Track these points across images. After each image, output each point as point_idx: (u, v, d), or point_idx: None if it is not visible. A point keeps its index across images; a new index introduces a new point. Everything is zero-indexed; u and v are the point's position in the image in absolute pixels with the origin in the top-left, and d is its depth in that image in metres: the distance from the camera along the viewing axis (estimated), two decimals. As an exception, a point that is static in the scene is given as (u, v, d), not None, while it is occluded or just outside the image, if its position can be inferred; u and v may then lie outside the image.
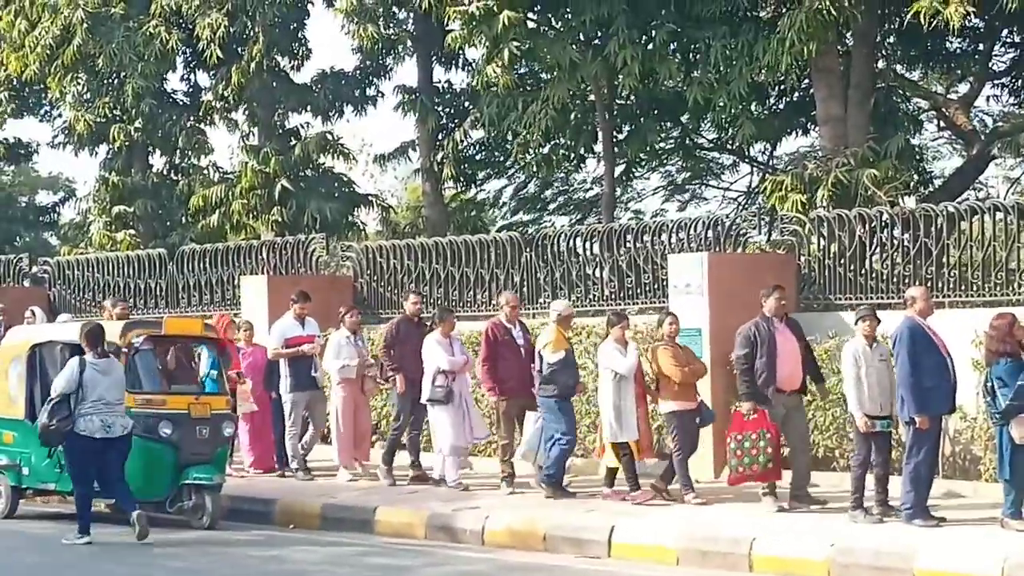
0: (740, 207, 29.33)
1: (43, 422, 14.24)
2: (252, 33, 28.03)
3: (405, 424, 17.33)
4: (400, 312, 18.63)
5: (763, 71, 21.24)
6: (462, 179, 29.86)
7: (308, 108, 29.69)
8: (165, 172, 32.13)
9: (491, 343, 16.22)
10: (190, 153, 31.21)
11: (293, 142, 29.01)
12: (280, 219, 27.74)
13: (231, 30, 27.49)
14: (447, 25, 23.95)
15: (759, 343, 14.32)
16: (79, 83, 29.91)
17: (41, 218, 41.67)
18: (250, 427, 18.60)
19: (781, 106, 26.27)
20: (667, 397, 15.15)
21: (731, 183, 31.53)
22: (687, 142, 29.06)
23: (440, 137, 28.24)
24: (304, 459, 18.21)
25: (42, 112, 34.24)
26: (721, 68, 21.79)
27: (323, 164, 29.58)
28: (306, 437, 18.36)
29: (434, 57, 28.60)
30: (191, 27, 28.01)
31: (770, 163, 28.65)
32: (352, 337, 17.89)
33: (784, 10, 21.18)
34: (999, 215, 16.79)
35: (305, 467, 18.05)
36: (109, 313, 18.83)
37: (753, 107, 24.31)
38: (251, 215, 28.50)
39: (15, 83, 31.78)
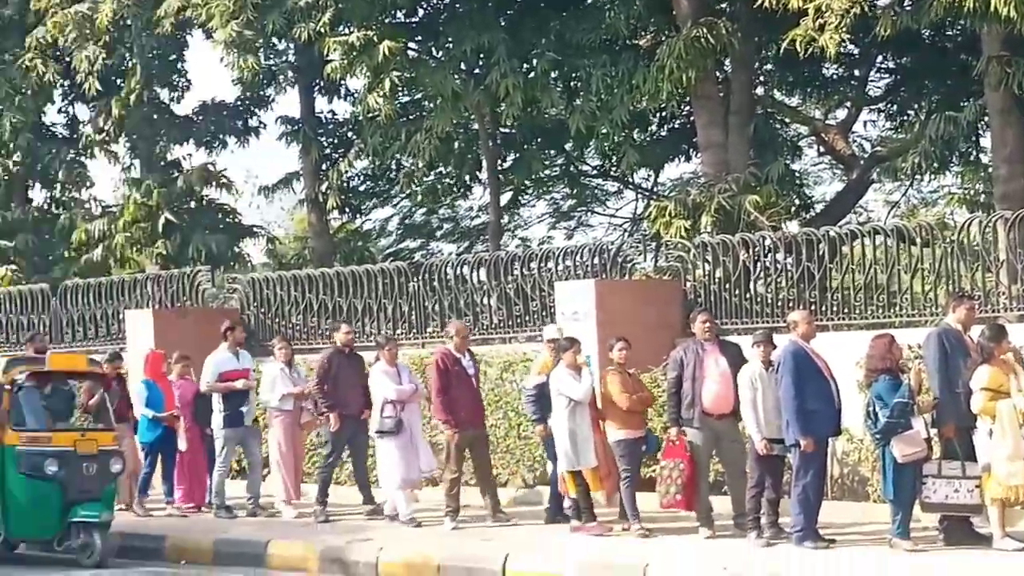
0: (626, 233, 29.54)
1: None
2: (131, 65, 27.88)
3: (336, 461, 17.03)
4: (328, 343, 18.01)
5: (644, 99, 21.43)
6: (347, 209, 29.82)
7: (190, 140, 29.49)
8: (46, 206, 31.74)
9: (442, 373, 15.58)
10: (70, 187, 30.93)
11: (175, 174, 28.84)
12: (164, 252, 27.49)
13: (109, 62, 27.22)
14: (327, 55, 23.90)
15: (686, 366, 14.09)
16: (-46, 118, 29.45)
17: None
18: (179, 463, 18.06)
19: (663, 133, 26.51)
20: (614, 425, 14.63)
21: (616, 210, 31.78)
22: (571, 169, 29.25)
23: (324, 167, 28.18)
24: (256, 498, 17.48)
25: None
26: (602, 96, 21.99)
27: (207, 196, 29.36)
28: (252, 477, 17.71)
29: (316, 87, 28.53)
30: (68, 60, 27.69)
31: (654, 190, 28.90)
32: (287, 368, 17.39)
33: (663, 38, 21.44)
34: (879, 238, 17.06)
35: (225, 505, 17.40)
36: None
37: (635, 134, 24.55)
38: (135, 248, 28.23)
39: None
